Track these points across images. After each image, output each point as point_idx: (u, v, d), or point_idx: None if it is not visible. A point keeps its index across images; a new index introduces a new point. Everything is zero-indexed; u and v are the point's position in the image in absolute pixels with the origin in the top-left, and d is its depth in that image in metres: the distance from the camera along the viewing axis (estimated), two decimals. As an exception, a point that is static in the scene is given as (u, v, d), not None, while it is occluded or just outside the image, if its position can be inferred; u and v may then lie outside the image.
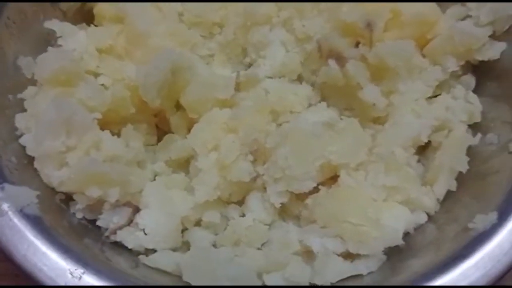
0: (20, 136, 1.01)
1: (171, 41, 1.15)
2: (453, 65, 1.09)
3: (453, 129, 1.07)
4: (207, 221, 1.04)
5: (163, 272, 0.96)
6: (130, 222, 0.98)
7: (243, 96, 1.11)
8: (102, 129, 1.05)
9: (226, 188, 1.03)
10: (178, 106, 1.12)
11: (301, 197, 1.03)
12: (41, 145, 0.96)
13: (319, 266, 0.95)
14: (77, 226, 0.98)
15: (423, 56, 1.12)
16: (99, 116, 1.01)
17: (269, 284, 0.96)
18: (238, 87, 1.12)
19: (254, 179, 1.04)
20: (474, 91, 1.12)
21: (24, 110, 1.05)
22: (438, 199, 1.03)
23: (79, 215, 0.99)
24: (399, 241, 0.96)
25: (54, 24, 1.17)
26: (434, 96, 1.12)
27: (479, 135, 1.06)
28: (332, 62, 1.09)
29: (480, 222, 0.89)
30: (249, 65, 1.21)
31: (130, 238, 0.98)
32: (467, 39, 1.07)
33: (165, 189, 1.04)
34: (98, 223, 0.99)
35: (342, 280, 0.94)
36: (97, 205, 0.98)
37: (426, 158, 1.10)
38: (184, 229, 1.04)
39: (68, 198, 1.00)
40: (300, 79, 1.18)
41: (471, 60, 1.11)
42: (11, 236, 0.87)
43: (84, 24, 1.23)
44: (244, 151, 1.02)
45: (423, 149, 1.10)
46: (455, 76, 1.12)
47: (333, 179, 1.04)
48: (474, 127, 1.10)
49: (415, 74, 1.09)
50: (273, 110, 1.09)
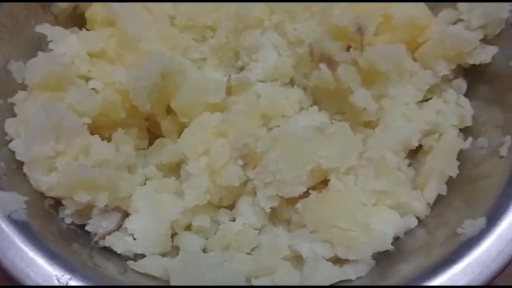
0: (10, 141, 1.01)
1: (163, 45, 1.15)
2: (444, 69, 1.09)
3: (444, 133, 1.07)
4: (197, 226, 1.04)
5: (152, 277, 0.96)
6: (119, 227, 0.98)
7: (234, 100, 1.11)
8: (93, 133, 1.05)
9: (216, 192, 1.03)
10: (169, 110, 1.12)
11: (291, 201, 1.03)
12: (30, 150, 0.96)
13: (308, 271, 0.95)
14: (66, 231, 0.98)
15: (414, 60, 1.12)
16: (89, 121, 1.01)
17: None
18: (229, 91, 1.12)
19: (244, 183, 1.04)
20: (466, 94, 1.12)
21: (15, 115, 1.05)
22: (428, 203, 1.03)
23: (68, 220, 0.99)
24: (388, 246, 0.96)
25: (46, 28, 1.17)
26: (426, 100, 1.12)
27: (470, 139, 1.06)
28: (323, 66, 1.09)
29: (468, 228, 0.89)
30: (242, 69, 1.21)
31: (119, 243, 0.98)
32: (458, 43, 1.06)
33: (155, 193, 1.04)
34: (87, 228, 0.99)
35: (331, 285, 0.94)
36: (86, 210, 0.98)
37: (417, 162, 1.10)
38: (174, 234, 1.04)
39: (57, 203, 1.00)
40: (292, 82, 1.18)
41: (462, 63, 1.10)
42: (-1, 241, 0.88)
43: (76, 28, 1.23)
44: (234, 156, 1.02)
45: (414, 153, 1.10)
46: (446, 80, 1.12)
47: (324, 183, 1.04)
48: (465, 131, 1.09)
49: (406, 78, 1.09)
50: (264, 114, 1.09)
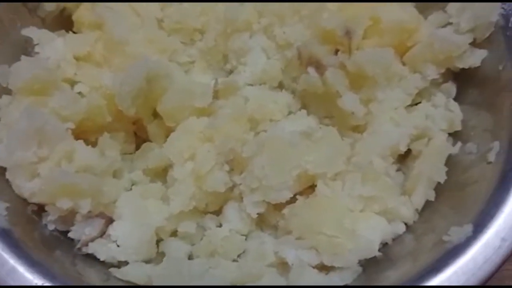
0: (-8, 147, 1.00)
1: (150, 48, 1.14)
2: (433, 73, 1.08)
3: (433, 137, 1.06)
4: (183, 232, 1.02)
5: (135, 285, 0.95)
6: (102, 233, 0.97)
7: (221, 104, 1.10)
8: (79, 138, 1.04)
9: (202, 198, 1.01)
10: (156, 114, 1.11)
11: (278, 207, 1.02)
12: (13, 155, 0.95)
13: (293, 278, 0.94)
14: (48, 237, 0.97)
15: (403, 63, 1.11)
16: (72, 126, 1.00)
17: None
18: (216, 95, 1.11)
19: (231, 188, 1.03)
20: (455, 98, 1.11)
21: (-1, 119, 1.04)
22: (416, 209, 1.02)
23: (51, 227, 0.98)
24: (375, 253, 0.95)
25: (32, 32, 1.16)
26: (415, 104, 1.11)
27: (459, 144, 1.05)
28: (311, 70, 1.08)
29: (455, 235, 0.88)
30: (230, 72, 1.20)
31: (102, 250, 0.96)
32: (447, 47, 1.05)
33: (141, 199, 1.02)
34: (70, 234, 0.98)
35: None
36: (70, 216, 0.97)
37: (406, 167, 1.09)
38: (159, 240, 1.03)
39: (41, 209, 0.98)
40: (281, 86, 1.17)
41: (451, 67, 1.09)
42: (-21, 249, 0.86)
43: (63, 31, 1.22)
44: (220, 161, 1.01)
45: (403, 158, 1.09)
46: (435, 83, 1.11)
47: (311, 188, 1.03)
48: (454, 136, 1.08)
49: (395, 82, 1.07)
50: (252, 118, 1.08)
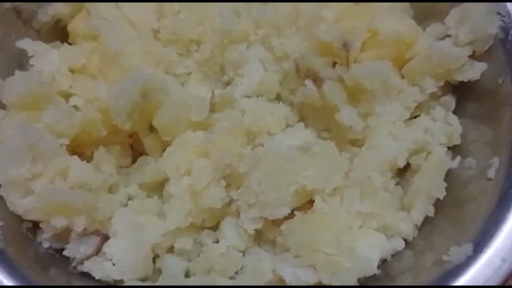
0: (-14, 162, 0.98)
1: (146, 60, 1.12)
2: (432, 86, 1.07)
3: (432, 151, 1.05)
4: (180, 248, 1.01)
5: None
6: (98, 251, 0.96)
7: (218, 117, 1.08)
8: (74, 152, 1.03)
9: (199, 214, 1.00)
10: (152, 128, 1.09)
11: (276, 222, 1.01)
12: (6, 172, 0.93)
13: (291, 297, 0.93)
14: (43, 255, 0.96)
15: (402, 76, 1.09)
16: (67, 141, 0.99)
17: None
18: (213, 108, 1.10)
19: (228, 204, 1.02)
20: (454, 111, 1.10)
21: (-7, 134, 1.03)
22: (416, 225, 1.01)
23: (46, 244, 0.97)
24: (374, 271, 0.93)
25: (26, 44, 1.15)
26: (414, 117, 1.10)
27: (459, 158, 1.04)
28: (309, 83, 1.07)
29: (454, 255, 0.87)
30: (227, 83, 1.19)
31: (98, 269, 0.95)
32: (445, 60, 1.04)
33: (136, 214, 1.01)
34: (64, 252, 0.97)
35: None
36: (65, 234, 0.96)
37: (405, 181, 1.08)
38: (156, 256, 1.02)
39: (36, 225, 0.97)
40: (278, 98, 1.16)
41: (450, 80, 1.08)
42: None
43: (58, 42, 1.21)
44: (216, 176, 1.00)
45: (402, 172, 1.08)
46: (434, 96, 1.10)
47: (309, 203, 1.02)
48: (453, 150, 1.07)
49: (393, 95, 1.06)
50: (249, 131, 1.07)
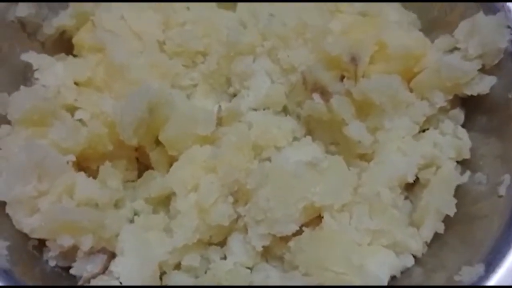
0: (-8, 179, 0.97)
1: (151, 73, 1.12)
2: (441, 100, 1.06)
3: (441, 166, 1.04)
4: (187, 265, 1.00)
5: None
6: (105, 269, 0.95)
7: (225, 130, 1.08)
8: (80, 166, 1.02)
9: (206, 230, 0.99)
10: (158, 142, 1.08)
11: (284, 238, 1.00)
12: (12, 190, 0.93)
13: (300, 316, 0.92)
14: (50, 274, 0.95)
15: (410, 89, 1.08)
16: (73, 158, 0.98)
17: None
18: (220, 122, 1.09)
19: (235, 219, 1.01)
20: (464, 125, 1.09)
21: (-2, 149, 1.02)
22: (425, 242, 1.00)
23: (52, 263, 0.96)
24: (383, 289, 0.93)
25: (31, 57, 1.14)
26: (422, 131, 1.09)
27: (468, 173, 1.03)
28: (316, 96, 1.06)
29: (466, 275, 0.86)
30: (234, 95, 1.18)
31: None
32: (454, 74, 1.03)
33: (143, 231, 1.00)
34: (71, 271, 0.96)
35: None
36: (71, 252, 0.95)
37: (414, 196, 1.07)
38: (163, 273, 1.01)
39: (42, 243, 0.96)
40: (285, 111, 1.15)
41: (459, 94, 1.07)
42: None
43: (63, 54, 1.21)
44: (224, 193, 0.99)
45: (411, 186, 1.07)
46: (443, 110, 1.09)
47: (318, 218, 1.01)
48: (463, 164, 1.06)
49: (402, 109, 1.05)
50: (256, 144, 1.06)
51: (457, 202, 0.99)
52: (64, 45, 1.22)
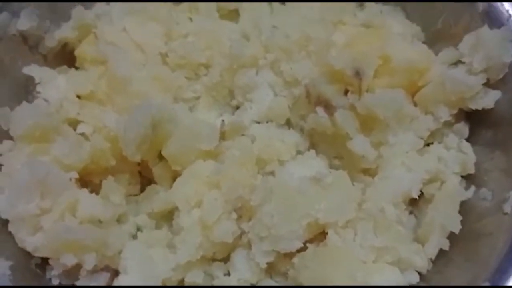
0: (-6, 196, 0.97)
1: (154, 86, 1.11)
2: (446, 114, 1.05)
3: (445, 181, 1.03)
4: (190, 282, 1.00)
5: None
6: (108, 288, 0.95)
7: (228, 145, 1.07)
8: (82, 180, 1.02)
9: (210, 247, 0.99)
10: (161, 156, 1.08)
11: (288, 254, 0.99)
12: (15, 208, 0.93)
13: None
14: (53, 293, 0.95)
15: (414, 103, 1.08)
16: (76, 175, 0.98)
17: None
18: (223, 136, 1.09)
19: (239, 236, 1.01)
20: (468, 138, 1.08)
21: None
22: (430, 258, 0.99)
23: (56, 281, 0.96)
24: (388, 308, 0.92)
25: (33, 70, 1.14)
26: (426, 145, 1.08)
27: (473, 188, 1.03)
28: (320, 110, 1.06)
29: (472, 295, 0.85)
30: (236, 107, 1.17)
31: (108, 306, 0.94)
32: (459, 88, 1.02)
33: (146, 248, 1.00)
34: (75, 290, 0.96)
35: None
36: (74, 270, 0.95)
37: (418, 210, 1.06)
38: (166, 289, 1.01)
39: (45, 261, 0.96)
40: (288, 123, 1.14)
41: (464, 108, 1.06)
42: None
43: (65, 67, 1.20)
44: (227, 209, 0.98)
45: (415, 200, 1.06)
46: (448, 124, 1.08)
47: (322, 234, 1.00)
48: (468, 178, 1.06)
49: (406, 123, 1.05)
50: (259, 158, 1.06)
51: (462, 219, 0.99)
52: (66, 57, 1.21)
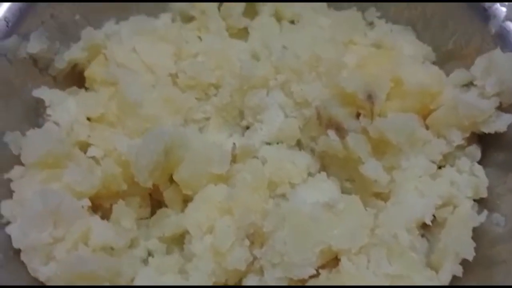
0: (6, 224, 0.97)
1: (165, 108, 1.11)
2: (458, 138, 1.05)
3: (458, 205, 1.03)
4: (202, 308, 1.00)
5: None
6: (121, 317, 0.94)
7: (239, 168, 1.07)
8: (93, 204, 1.02)
9: (222, 274, 0.98)
10: (172, 179, 1.08)
11: (301, 280, 0.99)
12: (27, 237, 0.92)
13: None
14: (66, 321, 0.94)
15: (426, 126, 1.07)
16: (88, 203, 0.97)
17: None
18: (234, 159, 1.08)
19: (251, 262, 1.00)
20: (480, 161, 1.08)
21: (11, 191, 1.01)
22: (443, 286, 0.99)
23: (68, 311, 0.95)
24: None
25: (43, 92, 1.14)
26: (438, 167, 1.07)
27: (485, 213, 1.02)
28: (331, 133, 1.05)
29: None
30: (246, 128, 1.17)
31: (121, 336, 0.94)
32: (471, 112, 1.02)
33: (158, 275, 1.00)
34: (87, 319, 0.95)
35: None
36: (87, 298, 0.94)
37: (431, 234, 1.06)
38: (178, 316, 1.00)
39: (58, 289, 0.96)
40: (299, 145, 1.14)
41: (476, 131, 1.06)
42: None
43: (75, 88, 1.20)
44: (240, 236, 0.98)
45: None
46: (460, 147, 1.08)
47: (335, 260, 1.00)
48: (480, 202, 1.05)
49: (418, 147, 1.04)
50: (271, 181, 1.05)
51: (475, 245, 0.98)
52: (75, 78, 1.21)
